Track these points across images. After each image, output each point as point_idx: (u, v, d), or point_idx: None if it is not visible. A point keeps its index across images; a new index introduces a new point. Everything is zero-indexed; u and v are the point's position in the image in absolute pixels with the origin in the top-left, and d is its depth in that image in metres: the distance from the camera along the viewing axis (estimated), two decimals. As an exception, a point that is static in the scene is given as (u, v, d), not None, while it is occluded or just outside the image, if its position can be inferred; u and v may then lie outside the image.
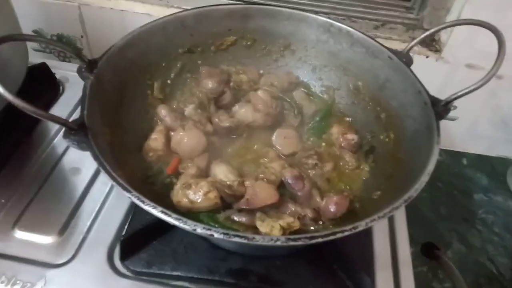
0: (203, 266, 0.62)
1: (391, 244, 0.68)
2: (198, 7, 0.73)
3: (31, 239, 0.65)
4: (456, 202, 1.02)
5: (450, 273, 0.77)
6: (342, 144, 0.68)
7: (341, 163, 0.66)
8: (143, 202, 0.44)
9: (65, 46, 0.58)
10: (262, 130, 0.70)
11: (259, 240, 0.42)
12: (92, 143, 0.48)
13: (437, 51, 0.96)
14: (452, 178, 1.04)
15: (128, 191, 0.44)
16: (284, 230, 0.51)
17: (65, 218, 0.67)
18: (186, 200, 0.54)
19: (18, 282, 0.60)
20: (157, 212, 0.44)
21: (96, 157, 0.47)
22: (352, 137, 0.67)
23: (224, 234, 0.42)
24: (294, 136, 0.68)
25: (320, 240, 0.43)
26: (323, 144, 0.69)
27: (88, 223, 0.67)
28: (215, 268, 0.62)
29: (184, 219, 0.43)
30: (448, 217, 0.98)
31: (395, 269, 0.65)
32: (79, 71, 0.57)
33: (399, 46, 0.98)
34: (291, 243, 0.42)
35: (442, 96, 0.59)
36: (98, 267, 0.62)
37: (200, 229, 0.42)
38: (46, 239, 0.65)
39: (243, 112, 0.69)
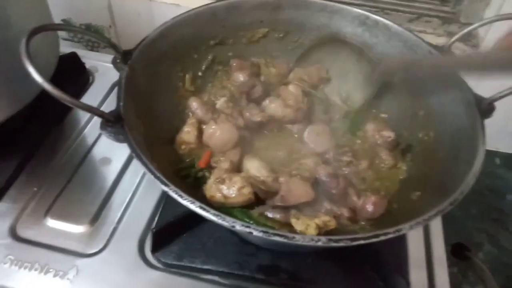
0: (233, 261, 0.61)
1: (425, 243, 0.66)
2: (231, -2, 0.72)
3: (63, 228, 0.65)
4: (487, 202, 0.99)
5: (482, 275, 0.75)
6: (378, 142, 0.66)
7: (377, 161, 0.64)
8: (181, 196, 0.43)
9: (100, 36, 0.58)
10: (293, 126, 0.69)
11: (299, 240, 0.41)
12: (129, 135, 0.47)
13: (474, 46, 0.93)
14: (483, 178, 1.00)
15: (166, 185, 0.44)
16: (320, 229, 0.50)
17: (96, 208, 0.67)
18: (220, 195, 0.53)
19: (50, 270, 0.60)
20: (195, 207, 0.43)
21: (133, 149, 0.46)
22: (388, 134, 0.65)
23: (264, 232, 0.41)
24: (327, 133, 0.66)
25: (362, 242, 0.41)
26: (358, 141, 0.67)
27: (119, 214, 0.67)
28: (245, 264, 0.61)
29: (223, 216, 0.42)
30: (478, 217, 0.96)
31: (430, 269, 0.64)
32: (113, 62, 0.57)
33: (433, 40, 0.94)
34: (333, 244, 0.41)
35: (478, 92, 0.58)
36: (129, 258, 0.62)
37: (238, 226, 0.42)
38: (77, 229, 0.65)
39: (273, 107, 0.68)
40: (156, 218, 0.67)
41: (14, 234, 0.64)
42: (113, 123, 0.48)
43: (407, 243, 0.65)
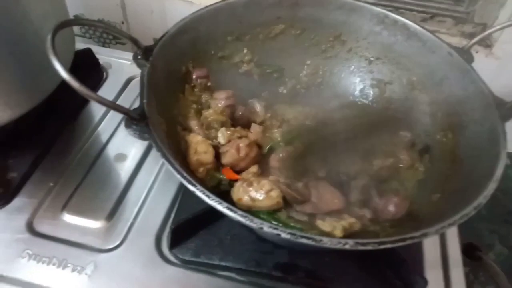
0: (250, 258, 0.62)
1: (440, 243, 0.67)
2: (249, -5, 0.71)
3: (80, 223, 0.65)
4: (498, 203, 1.00)
5: (494, 275, 0.75)
6: (394, 141, 0.66)
7: (393, 161, 0.64)
8: (208, 197, 0.43)
9: (121, 31, 0.57)
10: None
11: (327, 243, 0.41)
12: (154, 134, 0.47)
13: (488, 46, 0.92)
14: (493, 178, 1.01)
15: (194, 185, 0.44)
16: (345, 231, 0.50)
17: (112, 203, 0.68)
18: (247, 197, 0.53)
19: (68, 265, 0.61)
20: (222, 207, 0.43)
21: (159, 148, 0.46)
22: (404, 134, 0.65)
23: (291, 234, 0.41)
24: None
25: (389, 245, 0.42)
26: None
27: (135, 210, 0.67)
28: (262, 261, 0.61)
29: (250, 217, 0.42)
30: (489, 217, 0.96)
31: (445, 269, 0.64)
32: (135, 58, 0.57)
33: (447, 40, 0.93)
34: (360, 247, 0.41)
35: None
36: (146, 254, 0.62)
37: (266, 228, 0.42)
38: (94, 224, 0.65)
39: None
40: (173, 214, 0.67)
41: (31, 229, 0.64)
42: (138, 121, 0.47)
43: (423, 243, 0.66)
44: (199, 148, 0.57)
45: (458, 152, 0.60)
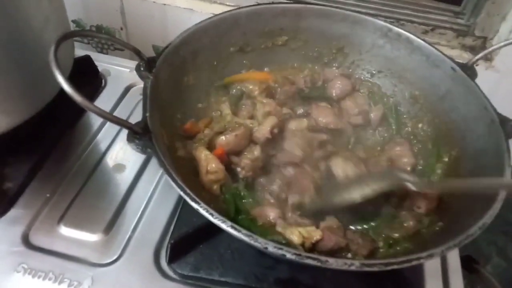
0: (250, 274, 0.61)
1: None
2: (252, 5, 0.71)
3: (77, 236, 0.64)
4: (496, 214, 0.99)
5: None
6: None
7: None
8: (212, 215, 0.43)
9: (124, 42, 0.56)
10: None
11: (332, 264, 0.41)
12: (157, 149, 0.46)
13: (488, 60, 0.93)
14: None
15: (197, 203, 0.43)
16: (304, 238, 0.51)
17: (110, 216, 0.66)
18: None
19: (65, 280, 0.59)
20: (226, 226, 0.42)
21: (162, 164, 0.45)
22: (408, 160, 0.63)
23: (297, 255, 0.41)
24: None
25: (395, 267, 0.41)
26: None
27: (134, 223, 0.66)
28: (263, 277, 0.60)
29: (255, 236, 0.42)
30: (487, 229, 0.96)
31: (445, 281, 0.64)
32: (137, 70, 0.56)
33: (447, 52, 0.93)
34: (366, 268, 0.41)
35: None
36: (145, 269, 0.61)
37: (271, 248, 0.41)
38: (92, 237, 0.64)
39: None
40: (172, 227, 0.66)
41: (27, 242, 0.62)
42: (141, 136, 0.46)
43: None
44: (210, 167, 0.57)
45: (461, 168, 0.60)
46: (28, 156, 0.71)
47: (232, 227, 0.42)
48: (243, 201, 0.59)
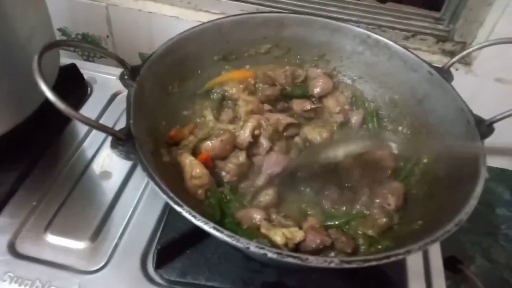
0: (237, 278, 0.61)
1: (423, 255, 0.67)
2: (235, 15, 0.73)
3: (64, 244, 0.64)
4: (479, 216, 1.01)
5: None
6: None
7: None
8: (194, 217, 0.44)
9: (108, 52, 0.57)
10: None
11: (312, 262, 0.42)
12: (140, 154, 0.47)
13: (467, 64, 0.96)
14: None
15: (180, 206, 0.44)
16: (287, 240, 0.53)
17: (97, 223, 0.66)
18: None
19: (52, 287, 0.59)
20: (208, 228, 0.43)
21: (145, 169, 0.46)
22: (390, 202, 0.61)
23: (278, 254, 0.42)
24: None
25: (374, 263, 0.42)
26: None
27: (121, 229, 0.66)
28: (249, 281, 0.61)
29: (237, 237, 0.43)
30: (471, 230, 0.98)
31: (428, 281, 0.65)
32: (121, 78, 0.57)
33: (428, 57, 0.96)
34: (345, 265, 0.42)
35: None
36: (132, 275, 0.61)
37: (253, 248, 0.42)
38: (78, 245, 0.64)
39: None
40: (159, 233, 0.66)
41: (13, 250, 0.62)
42: (124, 142, 0.47)
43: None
44: (194, 172, 0.58)
45: (439, 170, 0.61)
46: (14, 165, 0.71)
47: (215, 228, 0.43)
48: (229, 205, 0.60)
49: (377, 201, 0.60)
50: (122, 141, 0.48)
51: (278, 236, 0.52)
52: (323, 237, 0.55)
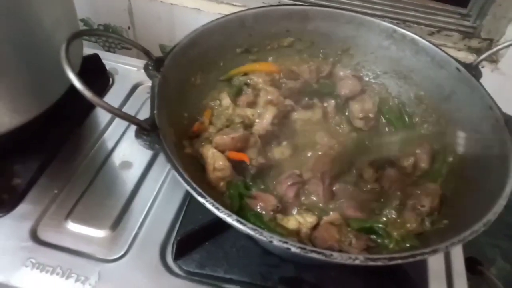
0: (256, 272, 0.61)
1: (445, 257, 0.66)
2: (258, 7, 0.72)
3: (84, 232, 0.65)
4: (500, 218, 0.99)
5: (495, 289, 0.75)
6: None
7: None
8: (218, 209, 0.43)
9: (134, 42, 0.57)
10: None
11: (337, 258, 0.41)
12: (164, 145, 0.47)
13: (494, 61, 0.93)
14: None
15: (203, 197, 0.44)
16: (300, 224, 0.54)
17: (117, 212, 0.67)
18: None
19: (72, 275, 0.60)
20: (231, 220, 0.43)
21: (169, 159, 0.46)
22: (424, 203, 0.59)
23: (301, 248, 0.41)
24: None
25: (399, 261, 0.41)
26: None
27: (140, 219, 0.67)
28: (268, 275, 0.61)
29: (260, 230, 0.42)
30: (490, 232, 0.95)
31: (449, 282, 0.64)
32: (146, 69, 0.57)
33: (453, 54, 0.93)
34: (370, 263, 0.41)
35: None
36: (151, 265, 0.62)
37: (276, 242, 0.41)
38: (99, 233, 0.65)
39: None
40: (178, 224, 0.66)
41: (35, 237, 0.64)
42: (149, 132, 0.47)
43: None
44: (217, 164, 0.58)
45: (466, 169, 0.60)
46: (37, 153, 0.72)
47: (238, 221, 0.42)
48: (248, 196, 0.60)
49: (410, 202, 0.58)
50: (147, 131, 0.48)
51: (291, 222, 0.52)
52: (333, 242, 0.54)
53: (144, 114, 0.68)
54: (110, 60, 0.91)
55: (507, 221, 0.99)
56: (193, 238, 0.62)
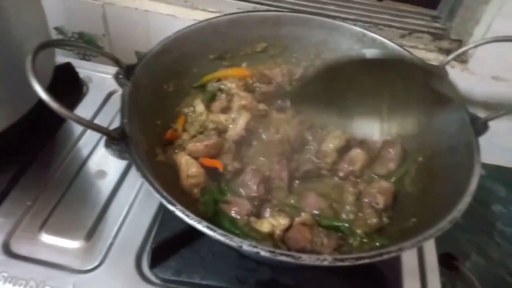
0: (232, 276, 0.61)
1: (418, 253, 0.68)
2: (232, 13, 0.72)
3: (58, 244, 0.64)
4: (475, 213, 1.02)
5: (470, 285, 0.77)
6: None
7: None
8: (188, 216, 0.44)
9: (104, 51, 0.57)
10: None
11: (305, 260, 0.42)
12: (134, 154, 0.47)
13: (463, 62, 0.96)
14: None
15: (173, 205, 0.44)
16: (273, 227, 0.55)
17: (91, 222, 0.66)
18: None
19: (46, 287, 0.59)
20: (201, 227, 0.43)
21: (138, 168, 0.46)
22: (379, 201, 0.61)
23: (271, 252, 0.42)
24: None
25: (367, 261, 0.42)
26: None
27: (115, 228, 0.66)
28: (244, 279, 0.61)
29: (230, 236, 0.43)
30: (466, 227, 0.98)
31: (423, 278, 0.65)
32: (116, 77, 0.57)
33: (425, 55, 0.97)
34: (338, 263, 0.42)
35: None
36: (127, 274, 0.61)
37: (246, 246, 0.42)
38: (73, 244, 0.64)
39: None
40: (154, 233, 0.66)
41: (7, 250, 0.62)
42: (118, 141, 0.47)
43: (401, 253, 0.66)
44: (190, 172, 0.58)
45: (434, 168, 0.61)
46: (9, 164, 0.71)
47: (208, 227, 0.43)
48: (224, 197, 0.60)
49: (366, 200, 0.60)
50: (116, 140, 0.48)
51: (265, 225, 0.53)
52: (306, 243, 0.55)
53: (118, 121, 0.68)
54: (84, 68, 0.90)
55: (482, 217, 1.02)
56: (168, 245, 0.62)
